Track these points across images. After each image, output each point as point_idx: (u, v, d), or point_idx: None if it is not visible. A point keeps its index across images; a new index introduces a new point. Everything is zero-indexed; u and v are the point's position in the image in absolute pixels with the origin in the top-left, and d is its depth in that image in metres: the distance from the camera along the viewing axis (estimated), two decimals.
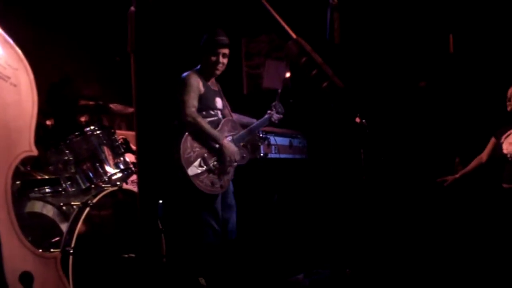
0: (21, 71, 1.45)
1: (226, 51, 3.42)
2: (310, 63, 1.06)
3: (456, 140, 4.17)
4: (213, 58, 3.39)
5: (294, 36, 1.08)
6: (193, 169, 3.20)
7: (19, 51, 1.47)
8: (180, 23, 4.25)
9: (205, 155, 3.28)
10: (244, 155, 3.51)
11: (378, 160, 3.76)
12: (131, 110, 3.47)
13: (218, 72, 3.46)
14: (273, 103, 3.64)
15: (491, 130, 3.66)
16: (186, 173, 3.17)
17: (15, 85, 1.43)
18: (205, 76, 3.43)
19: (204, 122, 3.29)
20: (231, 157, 3.34)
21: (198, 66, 3.47)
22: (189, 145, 3.23)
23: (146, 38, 1.11)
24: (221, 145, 3.31)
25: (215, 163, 3.30)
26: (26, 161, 2.74)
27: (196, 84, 3.33)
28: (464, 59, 4.28)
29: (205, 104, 3.37)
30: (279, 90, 3.69)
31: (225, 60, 3.44)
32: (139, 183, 1.15)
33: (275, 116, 3.61)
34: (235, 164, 3.41)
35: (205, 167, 3.26)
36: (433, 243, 3.77)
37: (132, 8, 1.11)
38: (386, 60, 4.41)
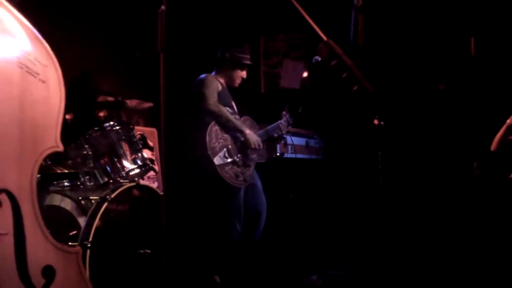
0: (50, 68, 1.46)
1: None
2: (340, 66, 1.05)
3: (475, 145, 4.12)
4: (241, 74, 3.52)
5: (324, 38, 1.08)
6: (218, 159, 3.21)
7: (49, 48, 1.48)
8: (199, 23, 4.26)
9: (229, 146, 3.30)
10: (262, 153, 3.52)
11: (393, 163, 3.73)
12: (146, 105, 3.50)
13: (236, 85, 3.54)
14: (283, 112, 3.71)
15: None
16: (213, 162, 3.17)
17: (44, 82, 1.44)
18: (222, 81, 3.48)
19: (226, 112, 3.32)
20: (255, 144, 3.36)
21: (214, 72, 3.51)
22: (214, 135, 3.24)
23: (176, 37, 1.11)
24: (243, 134, 3.33)
25: (239, 155, 3.32)
26: (51, 155, 2.77)
27: (215, 82, 3.38)
28: (485, 63, 4.23)
29: (224, 101, 3.40)
30: (287, 105, 3.75)
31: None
32: (165, 181, 1.15)
33: (284, 125, 3.70)
34: (255, 157, 3.42)
35: (229, 158, 3.26)
36: (449, 246, 3.73)
37: (163, 7, 1.11)
38: (405, 62, 4.37)
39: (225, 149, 3.26)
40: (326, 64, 1.07)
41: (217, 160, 3.18)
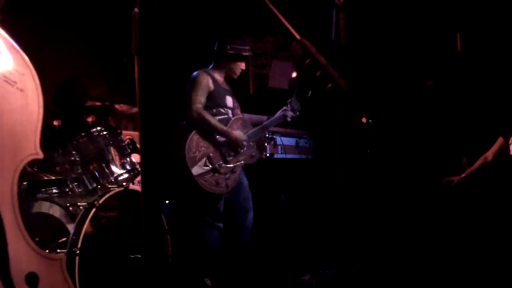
0: (27, 76, 1.46)
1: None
2: (314, 64, 1.05)
3: (464, 140, 4.14)
4: (241, 65, 3.49)
5: (298, 37, 1.08)
6: (197, 169, 3.20)
7: (25, 56, 1.48)
8: (185, 24, 4.26)
9: (211, 154, 3.28)
10: (253, 154, 3.50)
11: (381, 160, 3.74)
12: (136, 110, 3.49)
13: (236, 77, 3.52)
14: (289, 100, 3.64)
15: (499, 130, 3.63)
16: (190, 173, 3.18)
17: (21, 90, 1.43)
18: (218, 76, 3.45)
19: (210, 117, 3.29)
20: (238, 141, 3.34)
21: (211, 66, 3.48)
22: (194, 144, 3.23)
23: (150, 39, 1.10)
24: (229, 135, 3.31)
25: (221, 163, 3.30)
26: (33, 162, 2.75)
27: (206, 82, 3.34)
28: (472, 58, 4.25)
29: (215, 102, 3.38)
30: (296, 87, 3.69)
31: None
32: (143, 184, 1.14)
33: (289, 114, 3.61)
34: (242, 158, 3.40)
35: (210, 166, 3.25)
36: (438, 243, 3.75)
37: (136, 10, 1.10)
38: (392, 59, 4.39)
39: (205, 158, 3.26)
40: (300, 62, 1.07)
41: (195, 170, 3.19)
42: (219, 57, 3.47)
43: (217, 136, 3.33)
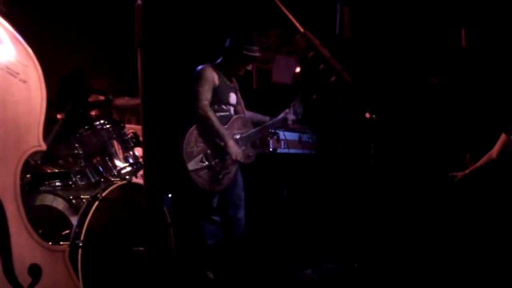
0: (31, 68, 1.46)
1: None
2: (318, 57, 1.05)
3: (467, 136, 4.12)
4: (246, 66, 3.49)
5: (301, 30, 1.07)
6: (193, 164, 3.22)
7: (28, 48, 1.48)
8: (189, 16, 4.25)
9: (208, 151, 3.29)
10: (250, 154, 3.51)
11: (382, 158, 3.73)
12: (135, 101, 3.48)
13: (238, 76, 3.52)
14: (292, 103, 3.66)
15: (502, 126, 3.62)
16: (186, 167, 3.19)
17: (24, 81, 1.44)
18: (224, 72, 3.45)
19: (214, 118, 3.29)
20: (233, 157, 3.33)
21: (218, 60, 3.48)
22: (193, 139, 3.24)
23: (154, 32, 1.10)
24: (225, 144, 3.31)
25: (217, 160, 3.30)
26: (36, 154, 2.76)
27: (211, 77, 3.35)
28: (476, 54, 4.23)
29: (218, 98, 3.38)
30: (300, 93, 3.72)
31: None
32: (145, 177, 1.14)
33: (291, 117, 3.62)
34: (240, 160, 3.40)
35: (206, 163, 3.26)
36: (441, 238, 3.75)
37: (139, 2, 1.10)
38: (396, 54, 4.37)
39: (202, 154, 3.27)
40: (304, 55, 1.07)
41: (191, 165, 3.21)
42: (226, 53, 3.48)
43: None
